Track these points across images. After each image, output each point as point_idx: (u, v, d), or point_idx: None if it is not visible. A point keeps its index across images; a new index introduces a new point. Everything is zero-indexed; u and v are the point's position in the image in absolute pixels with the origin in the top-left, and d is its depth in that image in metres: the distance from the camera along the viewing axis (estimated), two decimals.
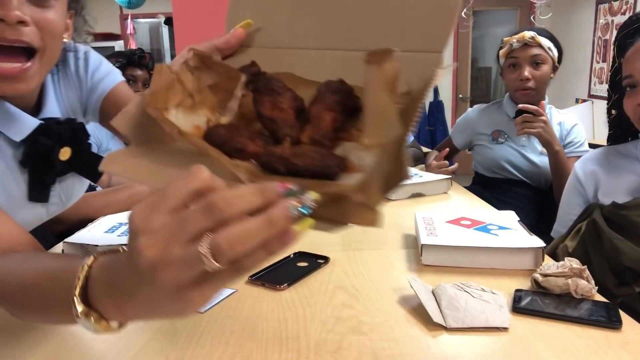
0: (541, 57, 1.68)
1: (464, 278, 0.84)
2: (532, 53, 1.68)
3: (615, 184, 1.11)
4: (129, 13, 4.70)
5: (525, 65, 1.69)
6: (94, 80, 0.92)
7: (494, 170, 1.83)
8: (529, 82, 1.68)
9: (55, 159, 0.81)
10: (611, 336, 0.66)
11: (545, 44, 1.67)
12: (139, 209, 0.38)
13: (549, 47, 1.68)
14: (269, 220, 0.36)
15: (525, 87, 1.69)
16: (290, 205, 0.36)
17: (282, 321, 0.73)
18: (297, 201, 0.37)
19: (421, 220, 1.05)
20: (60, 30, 0.74)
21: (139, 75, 1.98)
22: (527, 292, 0.78)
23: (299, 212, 0.37)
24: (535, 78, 1.68)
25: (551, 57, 1.69)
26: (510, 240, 0.91)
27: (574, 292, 0.76)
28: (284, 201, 0.37)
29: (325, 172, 0.45)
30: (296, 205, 0.37)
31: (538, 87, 1.69)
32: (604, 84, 4.35)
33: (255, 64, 0.54)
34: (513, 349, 0.65)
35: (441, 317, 0.71)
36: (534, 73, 1.68)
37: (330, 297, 0.81)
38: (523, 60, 1.70)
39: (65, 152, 0.82)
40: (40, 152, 0.79)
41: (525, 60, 1.69)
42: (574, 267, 0.77)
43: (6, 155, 0.78)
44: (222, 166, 0.45)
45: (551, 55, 1.69)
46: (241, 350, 0.65)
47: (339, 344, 0.66)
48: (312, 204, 0.37)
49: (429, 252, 0.93)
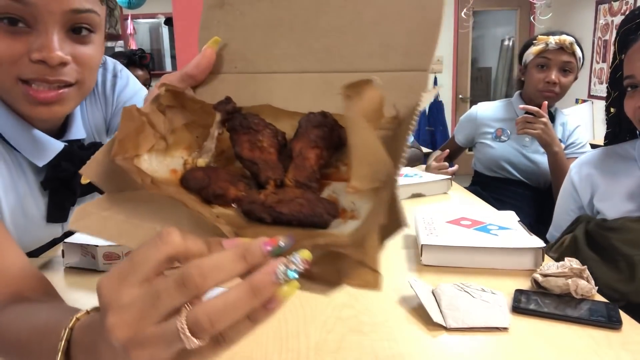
0: (571, 65, 1.67)
1: (464, 278, 0.85)
2: (565, 59, 1.66)
3: (612, 189, 1.09)
4: (129, 13, 4.70)
5: (555, 69, 1.67)
6: (120, 100, 0.91)
7: (493, 169, 1.83)
8: (555, 87, 1.67)
9: (76, 184, 0.80)
10: (611, 336, 0.66)
11: (578, 54, 1.67)
12: (106, 280, 0.35)
13: (579, 57, 1.68)
14: (253, 289, 0.32)
15: (550, 90, 1.68)
16: (277, 271, 0.33)
17: (282, 321, 0.73)
18: (286, 263, 0.33)
19: (421, 221, 1.05)
20: (98, 62, 0.73)
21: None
22: (527, 292, 0.78)
23: (287, 277, 0.33)
24: (561, 84, 1.67)
25: (578, 67, 1.69)
26: (510, 241, 0.91)
27: (574, 292, 0.76)
28: (270, 265, 0.33)
29: (314, 221, 0.40)
30: (284, 270, 0.33)
31: (560, 94, 1.69)
32: (604, 85, 4.35)
33: (230, 99, 0.50)
34: (513, 349, 0.65)
35: (441, 317, 0.71)
36: (561, 79, 1.67)
37: (330, 297, 0.81)
38: (554, 63, 1.67)
39: None
40: (61, 177, 0.78)
41: (557, 64, 1.67)
42: (574, 267, 0.78)
43: (29, 179, 0.78)
44: (203, 217, 0.41)
45: (578, 66, 1.69)
46: (241, 350, 0.65)
47: (339, 343, 0.66)
48: (302, 266, 0.33)
49: (428, 252, 0.93)
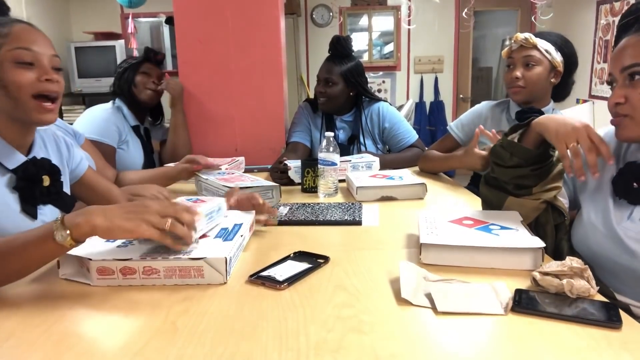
0: (534, 58, 1.68)
1: (464, 277, 0.85)
2: (525, 54, 1.69)
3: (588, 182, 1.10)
4: (129, 12, 4.69)
5: (519, 66, 1.71)
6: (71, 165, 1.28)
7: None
8: (519, 81, 1.70)
9: (39, 181, 1.11)
10: (611, 335, 0.66)
11: (543, 46, 1.67)
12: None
13: (546, 49, 1.67)
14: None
15: (516, 85, 1.71)
16: None
17: (282, 320, 0.73)
18: None
19: (423, 220, 1.05)
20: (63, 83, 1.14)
21: (153, 71, 2.07)
22: (528, 291, 0.78)
23: None
24: (526, 78, 1.69)
25: (549, 60, 1.68)
26: (510, 240, 0.91)
27: (569, 292, 0.76)
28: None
29: None
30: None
31: (528, 87, 1.70)
32: (605, 85, 4.34)
33: None
34: (513, 348, 0.65)
35: (410, 295, 0.76)
36: (525, 74, 1.69)
37: (331, 297, 0.81)
38: (517, 60, 1.72)
39: (46, 179, 1.13)
40: (28, 175, 1.09)
41: (519, 61, 1.71)
42: (574, 267, 0.77)
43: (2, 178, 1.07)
44: None
45: (549, 58, 1.68)
46: (241, 350, 0.65)
47: (339, 343, 0.66)
48: None
49: (428, 251, 0.93)
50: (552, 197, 1.08)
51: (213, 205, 1.04)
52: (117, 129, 1.97)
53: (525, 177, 1.06)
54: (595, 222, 1.02)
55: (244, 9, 2.05)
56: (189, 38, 2.08)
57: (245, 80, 2.11)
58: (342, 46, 2.03)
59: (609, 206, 1.01)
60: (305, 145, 2.11)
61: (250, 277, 0.88)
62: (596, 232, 1.01)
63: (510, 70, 1.73)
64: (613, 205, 1.00)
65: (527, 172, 1.05)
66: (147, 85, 2.03)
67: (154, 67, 2.07)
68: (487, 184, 1.15)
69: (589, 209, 1.06)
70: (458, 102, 5.51)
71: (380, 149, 2.14)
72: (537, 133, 1.04)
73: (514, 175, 1.07)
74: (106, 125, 1.93)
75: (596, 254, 1.01)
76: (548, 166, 1.05)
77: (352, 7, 5.29)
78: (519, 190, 1.08)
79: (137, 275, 0.86)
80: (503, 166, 1.07)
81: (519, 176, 1.06)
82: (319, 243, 1.09)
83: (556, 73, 1.70)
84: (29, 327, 0.72)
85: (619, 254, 0.95)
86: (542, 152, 1.04)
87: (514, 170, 1.06)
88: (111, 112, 2.00)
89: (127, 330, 0.72)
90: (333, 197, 1.55)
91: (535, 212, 1.08)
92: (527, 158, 1.04)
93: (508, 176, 1.07)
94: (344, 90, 2.04)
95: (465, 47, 5.37)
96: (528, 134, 1.07)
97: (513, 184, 1.08)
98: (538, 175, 1.05)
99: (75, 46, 4.61)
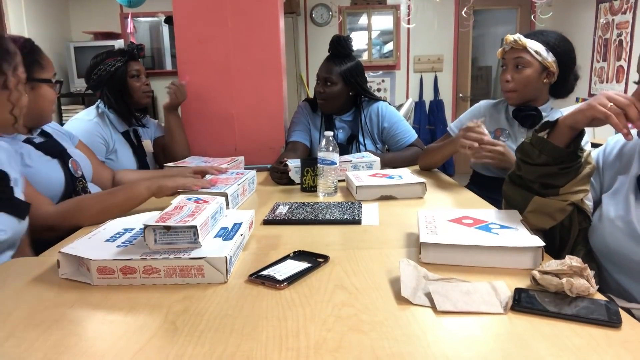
0: (524, 60, 1.66)
1: (464, 277, 0.85)
2: (515, 56, 1.68)
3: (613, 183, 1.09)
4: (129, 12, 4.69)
5: (510, 67, 1.70)
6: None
7: (491, 170, 1.83)
8: (509, 84, 1.69)
9: None
10: (611, 335, 0.67)
11: (533, 47, 1.64)
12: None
13: (536, 50, 1.64)
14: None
15: (507, 89, 1.71)
16: None
17: (282, 320, 0.73)
18: None
19: (423, 219, 1.05)
20: None
21: (141, 69, 2.03)
22: (528, 290, 0.78)
23: None
24: (515, 80, 1.68)
25: (540, 61, 1.66)
26: (509, 240, 0.91)
27: (569, 291, 0.76)
28: None
29: None
30: None
31: (519, 90, 1.69)
32: (604, 83, 4.34)
33: None
34: (513, 347, 0.65)
35: (410, 294, 0.76)
36: (515, 76, 1.68)
37: (330, 296, 0.81)
38: (508, 62, 1.70)
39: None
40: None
41: (510, 63, 1.70)
42: (574, 266, 0.77)
43: None
44: None
45: (539, 59, 1.65)
46: (241, 349, 0.65)
47: (338, 342, 0.66)
48: None
49: (427, 250, 0.93)
50: (579, 199, 1.04)
51: (215, 206, 1.04)
52: (104, 140, 1.87)
53: (553, 176, 1.03)
54: (614, 219, 1.01)
55: (244, 9, 2.05)
56: (189, 37, 2.08)
57: (244, 79, 2.11)
58: (343, 46, 2.03)
59: (630, 203, 1.00)
60: (304, 145, 2.11)
61: (250, 277, 0.88)
62: (615, 228, 1.00)
63: (503, 71, 1.73)
64: (635, 202, 0.99)
65: (555, 170, 1.01)
66: (143, 89, 1.98)
67: (138, 63, 2.00)
68: (512, 183, 1.11)
69: (609, 205, 1.05)
70: (457, 101, 5.51)
71: (379, 149, 2.14)
72: (567, 127, 1.00)
73: (541, 174, 1.04)
74: (90, 138, 1.80)
75: (613, 251, 1.00)
76: (577, 166, 1.02)
77: (351, 6, 5.29)
78: (546, 189, 1.05)
79: (137, 274, 0.86)
80: (530, 164, 1.04)
81: (547, 174, 1.03)
82: (318, 242, 1.09)
83: (549, 73, 1.68)
84: (29, 327, 0.73)
85: (636, 251, 0.95)
86: (571, 152, 1.01)
87: (541, 168, 1.03)
88: (95, 122, 1.89)
89: (127, 329, 0.72)
90: (332, 196, 1.55)
91: (561, 213, 1.05)
92: (556, 156, 1.01)
93: (535, 174, 1.04)
94: (344, 90, 2.04)
95: (465, 46, 5.38)
96: (556, 132, 1.03)
97: (539, 182, 1.05)
98: (566, 175, 1.02)
99: (74, 46, 4.61)
